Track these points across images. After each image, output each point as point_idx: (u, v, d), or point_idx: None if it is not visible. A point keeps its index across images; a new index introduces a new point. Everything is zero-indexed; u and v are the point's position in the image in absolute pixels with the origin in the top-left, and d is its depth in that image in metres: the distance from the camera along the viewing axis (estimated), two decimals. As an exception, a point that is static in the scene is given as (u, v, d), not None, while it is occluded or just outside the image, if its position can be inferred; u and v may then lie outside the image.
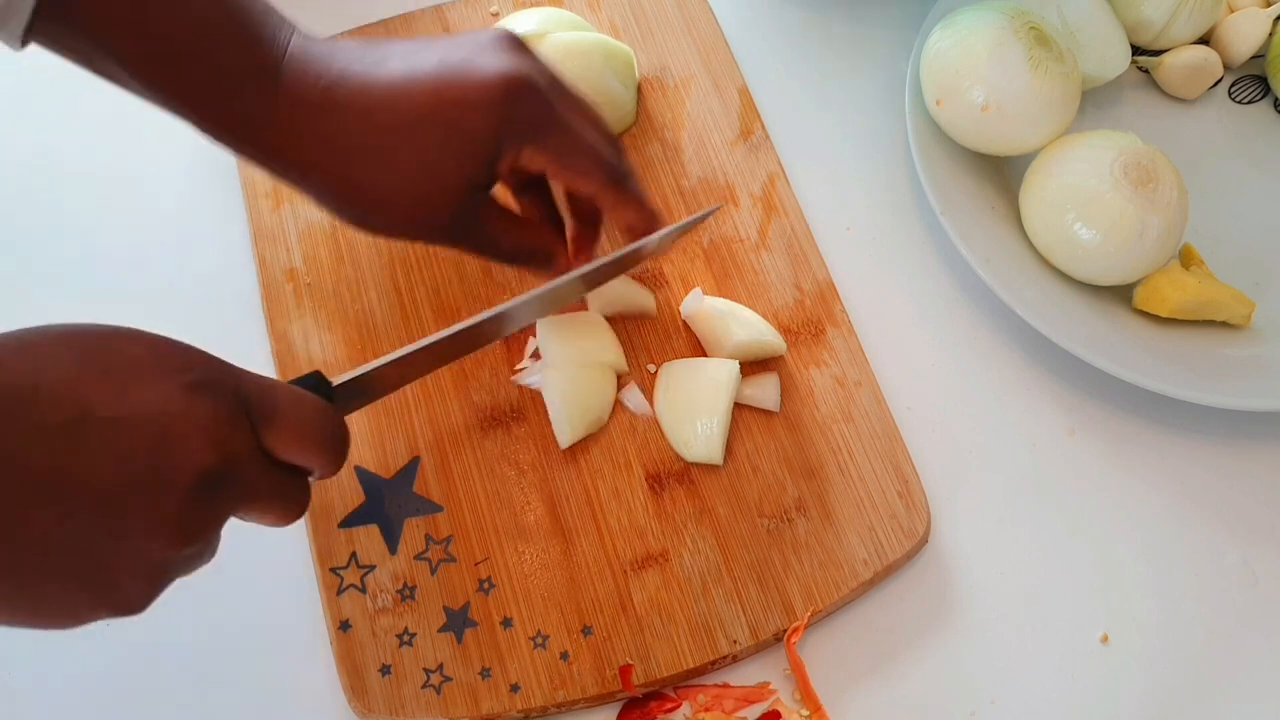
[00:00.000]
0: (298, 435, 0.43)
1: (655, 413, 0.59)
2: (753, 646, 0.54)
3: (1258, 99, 0.71)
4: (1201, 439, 0.61)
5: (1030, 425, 0.61)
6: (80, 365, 0.39)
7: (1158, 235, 0.59)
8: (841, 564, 0.56)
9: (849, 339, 0.61)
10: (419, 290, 0.62)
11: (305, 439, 0.44)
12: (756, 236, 0.64)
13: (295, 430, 0.43)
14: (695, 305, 0.60)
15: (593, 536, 0.56)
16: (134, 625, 0.55)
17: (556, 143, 0.52)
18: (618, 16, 0.70)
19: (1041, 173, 0.62)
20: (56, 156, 0.67)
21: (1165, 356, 0.60)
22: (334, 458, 0.45)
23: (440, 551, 0.56)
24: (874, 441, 0.59)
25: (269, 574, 0.57)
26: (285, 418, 0.43)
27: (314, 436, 0.44)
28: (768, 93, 0.69)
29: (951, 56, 0.63)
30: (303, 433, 0.43)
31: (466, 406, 0.59)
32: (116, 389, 0.39)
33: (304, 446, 0.44)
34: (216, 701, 0.54)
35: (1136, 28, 0.69)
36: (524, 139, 0.51)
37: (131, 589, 0.41)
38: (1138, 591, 0.58)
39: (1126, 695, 0.55)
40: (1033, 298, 0.61)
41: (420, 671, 0.53)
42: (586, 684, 0.53)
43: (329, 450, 0.45)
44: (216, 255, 0.64)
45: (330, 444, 0.45)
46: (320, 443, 0.44)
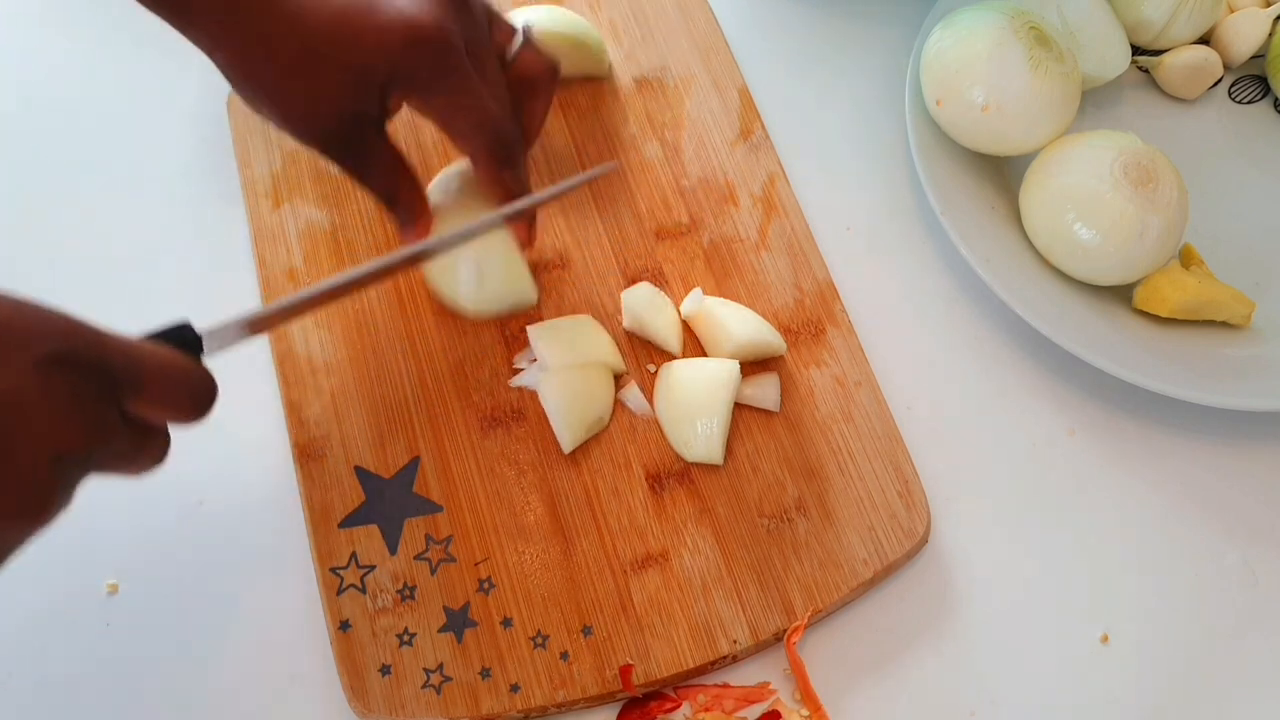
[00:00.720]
0: (163, 399, 0.42)
1: (655, 413, 0.59)
2: (753, 646, 0.54)
3: (1258, 99, 0.71)
4: (1201, 439, 0.61)
5: (1030, 425, 0.61)
6: None
7: (1158, 235, 0.59)
8: (841, 564, 0.56)
9: (849, 339, 0.61)
10: (419, 290, 0.62)
11: (171, 402, 0.43)
12: (756, 236, 0.64)
13: (161, 395, 0.42)
14: (695, 305, 0.60)
15: (593, 536, 0.56)
16: (134, 625, 0.55)
17: (445, 101, 0.53)
18: (618, 16, 0.70)
19: (1041, 173, 0.62)
20: (55, 155, 0.67)
21: (1165, 356, 0.60)
22: (199, 415, 0.44)
23: (440, 551, 0.56)
24: (874, 441, 0.59)
25: (269, 574, 0.57)
26: (151, 384, 0.42)
27: (180, 399, 0.43)
28: (768, 93, 0.69)
29: (951, 56, 0.63)
30: (168, 396, 0.42)
31: (466, 406, 0.59)
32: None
33: (169, 408, 0.43)
34: (216, 701, 0.54)
35: (1136, 28, 0.69)
36: (412, 89, 0.53)
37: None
38: (1138, 591, 0.58)
39: (1126, 695, 0.55)
40: (1033, 298, 0.61)
41: (420, 671, 0.53)
42: (586, 684, 0.53)
43: (195, 409, 0.44)
44: (216, 255, 0.64)
45: (196, 403, 0.44)
46: (186, 403, 0.43)
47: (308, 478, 0.57)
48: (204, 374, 0.44)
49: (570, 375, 0.58)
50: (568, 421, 0.57)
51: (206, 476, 0.58)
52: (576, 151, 0.66)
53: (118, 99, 0.69)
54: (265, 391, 0.59)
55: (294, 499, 0.57)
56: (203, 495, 0.58)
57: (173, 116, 0.68)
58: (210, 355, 0.46)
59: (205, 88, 0.68)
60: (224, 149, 0.66)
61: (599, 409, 0.58)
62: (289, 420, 0.58)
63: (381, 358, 0.60)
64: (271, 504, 0.58)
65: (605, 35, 0.69)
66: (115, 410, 0.41)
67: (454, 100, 0.53)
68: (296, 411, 0.58)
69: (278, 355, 0.60)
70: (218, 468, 0.58)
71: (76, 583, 0.56)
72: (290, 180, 0.64)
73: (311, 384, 0.59)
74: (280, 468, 0.58)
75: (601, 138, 0.66)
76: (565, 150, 0.66)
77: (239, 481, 0.59)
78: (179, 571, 0.56)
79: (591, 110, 0.67)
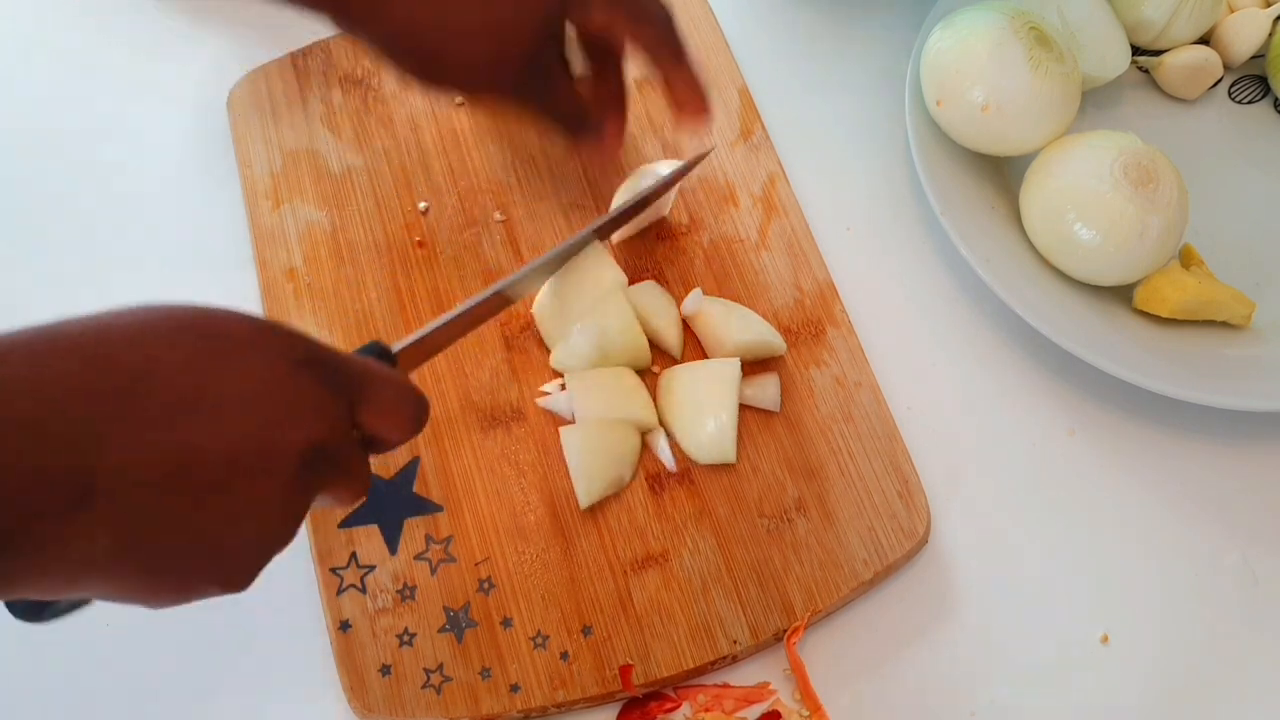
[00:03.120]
0: (391, 413, 0.45)
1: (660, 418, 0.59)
2: (753, 646, 0.54)
3: (1258, 99, 0.71)
4: (1201, 439, 0.61)
5: (1030, 425, 0.61)
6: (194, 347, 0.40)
7: (1158, 235, 0.59)
8: (841, 564, 0.56)
9: (849, 339, 0.61)
10: (419, 290, 0.62)
11: (396, 414, 0.45)
12: (756, 236, 0.64)
13: (389, 408, 0.45)
14: (695, 305, 0.60)
15: (593, 536, 0.56)
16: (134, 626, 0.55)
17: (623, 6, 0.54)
18: (618, 16, 0.70)
19: (1041, 173, 0.62)
20: (55, 156, 0.67)
21: (1165, 356, 0.60)
22: (417, 427, 0.46)
23: (440, 551, 0.56)
24: (874, 441, 0.59)
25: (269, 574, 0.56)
26: (381, 397, 0.44)
27: (405, 413, 0.45)
28: (768, 93, 0.69)
29: (951, 56, 0.63)
30: (396, 410, 0.45)
31: (466, 407, 0.59)
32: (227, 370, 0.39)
33: (395, 423, 0.45)
34: (216, 701, 0.54)
35: (1136, 28, 0.69)
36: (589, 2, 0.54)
37: (238, 565, 0.42)
38: (1138, 591, 0.58)
39: (1126, 695, 0.55)
40: (1033, 298, 0.61)
41: (420, 671, 0.53)
42: (586, 684, 0.53)
43: (416, 425, 0.46)
44: (217, 255, 0.64)
45: (416, 417, 0.46)
46: (410, 419, 0.46)
47: (308, 478, 0.57)
48: (418, 391, 0.46)
49: (599, 431, 0.57)
50: (588, 477, 0.56)
51: (206, 476, 0.58)
52: (576, 150, 0.66)
53: (118, 99, 0.69)
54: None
55: (294, 499, 0.57)
56: (203, 495, 0.58)
57: (173, 117, 0.68)
58: None
59: (205, 88, 0.68)
60: (224, 149, 0.66)
61: (621, 469, 0.57)
62: (289, 420, 0.58)
63: (381, 358, 0.60)
64: (271, 504, 0.58)
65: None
66: (349, 415, 0.43)
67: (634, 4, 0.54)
68: (296, 411, 0.58)
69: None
70: (218, 468, 0.58)
71: (76, 583, 0.56)
72: (290, 180, 0.64)
73: (311, 384, 0.59)
74: (280, 468, 0.58)
75: (601, 138, 0.66)
76: (565, 149, 0.66)
77: (239, 481, 0.58)
78: (179, 571, 0.56)
79: (591, 110, 0.67)
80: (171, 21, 0.71)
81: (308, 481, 0.41)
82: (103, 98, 0.69)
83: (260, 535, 0.42)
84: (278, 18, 0.70)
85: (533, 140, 0.66)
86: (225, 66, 0.68)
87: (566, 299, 0.59)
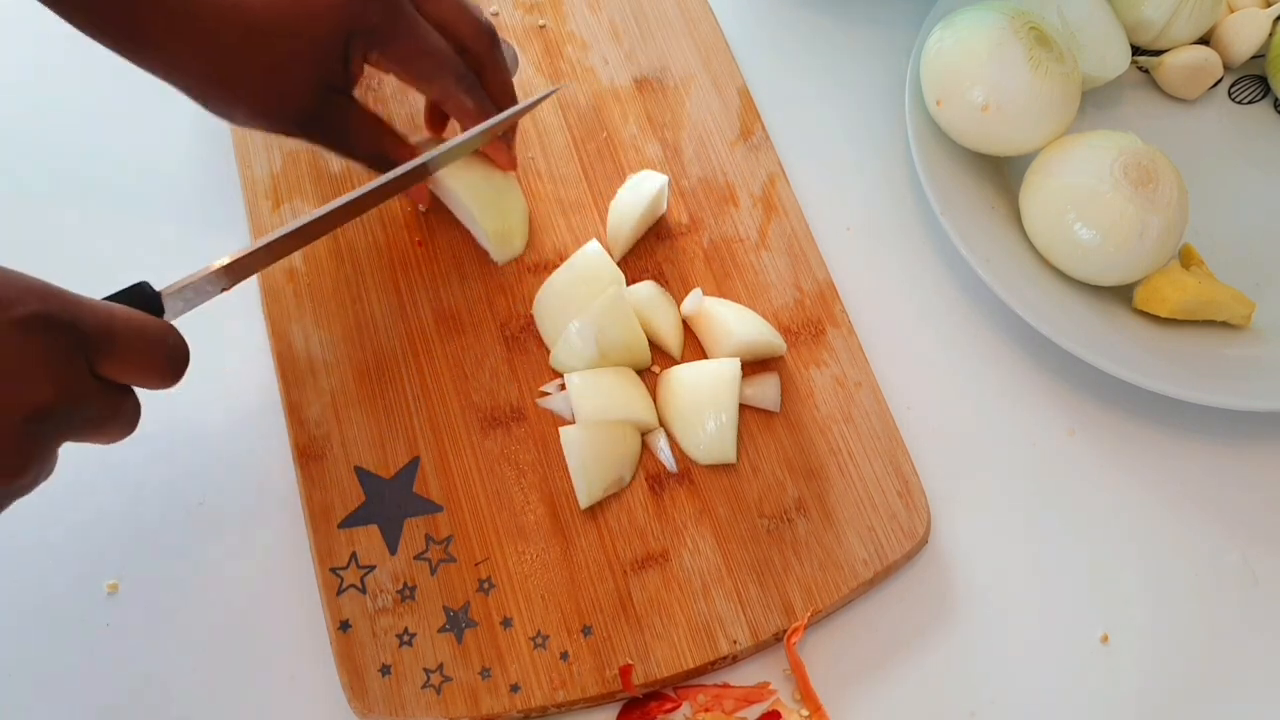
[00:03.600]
0: (136, 362, 0.44)
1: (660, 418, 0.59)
2: (753, 646, 0.54)
3: (1258, 99, 0.71)
4: (1201, 439, 0.61)
5: (1030, 425, 0.61)
6: None
7: (1158, 235, 0.59)
8: (841, 564, 0.56)
9: (849, 339, 0.61)
10: (419, 290, 0.62)
11: (144, 364, 0.44)
12: (756, 236, 0.64)
13: (134, 358, 0.43)
14: (695, 305, 0.60)
15: (593, 536, 0.56)
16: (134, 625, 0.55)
17: (404, 47, 0.55)
18: (618, 17, 0.70)
19: (1041, 173, 0.62)
20: (55, 156, 0.67)
21: (1165, 356, 0.60)
22: (172, 376, 0.45)
23: (440, 551, 0.56)
24: (874, 441, 0.59)
25: (269, 574, 0.57)
26: (124, 347, 0.43)
27: (153, 361, 0.44)
28: (768, 93, 0.69)
29: (951, 56, 0.63)
30: (142, 359, 0.44)
31: (466, 406, 0.59)
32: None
33: (142, 371, 0.44)
34: (216, 701, 0.54)
35: (1136, 28, 0.69)
36: (373, 43, 0.54)
37: None
38: (1138, 591, 0.58)
39: (1126, 695, 0.55)
40: (1033, 298, 0.61)
41: (420, 671, 0.53)
42: (586, 684, 0.53)
43: (167, 372, 0.45)
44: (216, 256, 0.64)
45: (169, 366, 0.45)
46: (159, 366, 0.45)
47: (308, 478, 0.57)
48: (175, 335, 0.45)
49: (599, 431, 0.57)
50: (588, 477, 0.56)
51: (206, 476, 0.58)
52: (576, 151, 0.66)
53: (118, 99, 0.69)
54: (265, 392, 0.59)
55: (294, 499, 0.57)
56: (203, 495, 0.58)
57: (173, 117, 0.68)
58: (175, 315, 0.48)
59: (205, 88, 0.68)
60: (224, 149, 0.66)
61: (621, 469, 0.57)
62: (289, 420, 0.58)
63: (381, 358, 0.60)
64: (271, 504, 0.58)
65: (605, 35, 0.69)
66: (86, 371, 0.42)
67: (413, 45, 0.55)
68: (296, 411, 0.58)
69: (278, 355, 0.60)
70: (218, 468, 0.59)
71: (76, 583, 0.56)
72: (290, 180, 0.64)
73: (311, 384, 0.59)
74: (280, 468, 0.58)
75: (601, 137, 0.66)
76: (565, 150, 0.66)
77: (239, 481, 0.59)
78: (179, 571, 0.56)
79: (591, 110, 0.67)
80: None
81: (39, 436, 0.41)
82: (102, 98, 0.69)
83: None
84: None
85: (532, 139, 0.66)
86: (225, 66, 0.68)
87: (566, 298, 0.59)
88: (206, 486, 0.58)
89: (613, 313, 0.58)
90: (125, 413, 0.45)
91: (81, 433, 0.43)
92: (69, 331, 0.41)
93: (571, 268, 0.60)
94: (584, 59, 0.69)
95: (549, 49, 0.69)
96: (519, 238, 0.63)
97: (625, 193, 0.63)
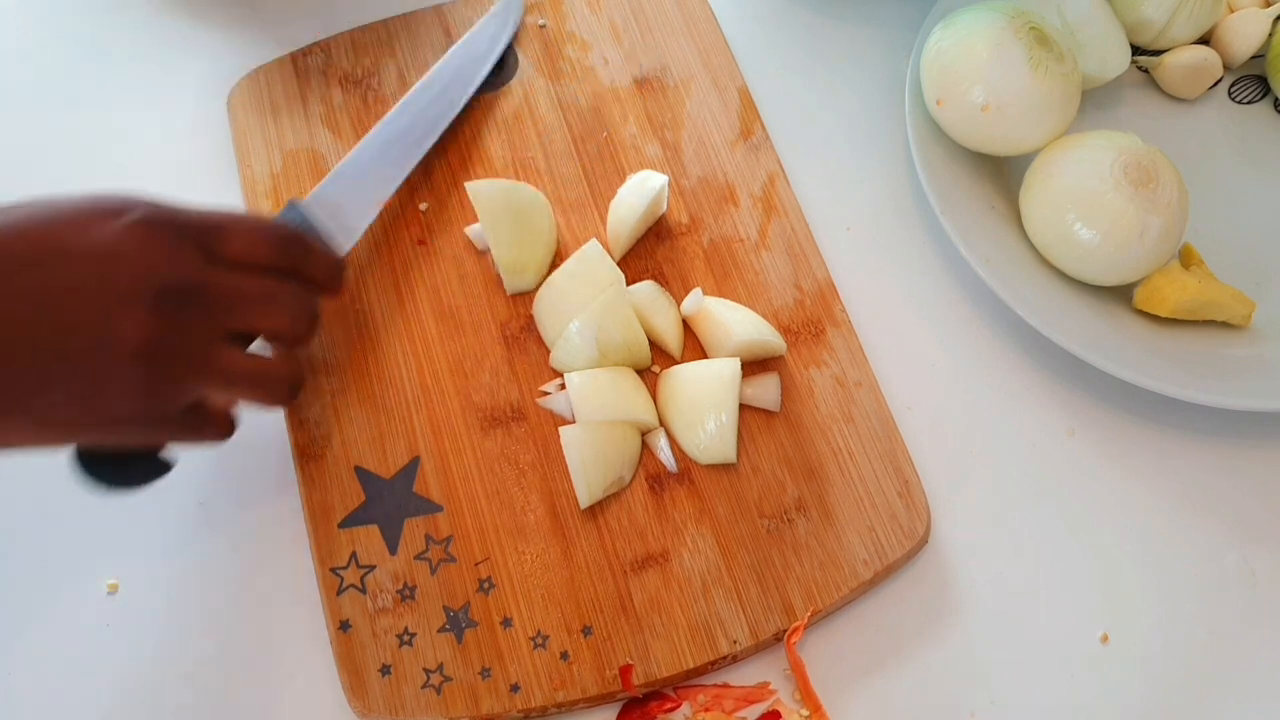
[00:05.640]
0: (248, 240, 0.49)
1: (660, 418, 0.59)
2: (753, 646, 0.54)
3: (1258, 99, 0.71)
4: (1201, 439, 0.61)
5: (1030, 425, 0.61)
6: (26, 217, 0.44)
7: (1158, 235, 0.59)
8: (841, 564, 0.56)
9: (849, 339, 0.61)
10: (419, 290, 0.62)
11: (255, 241, 0.50)
12: (756, 236, 0.64)
13: (246, 237, 0.49)
14: (695, 305, 0.60)
15: (593, 536, 0.56)
16: (134, 625, 0.55)
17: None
18: (618, 17, 0.70)
19: (1041, 173, 0.62)
20: (55, 156, 0.67)
21: (1165, 356, 0.60)
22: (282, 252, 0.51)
23: (440, 551, 0.56)
24: (874, 441, 0.59)
25: (269, 574, 0.57)
26: (234, 231, 0.49)
27: (263, 239, 0.50)
28: (768, 93, 0.69)
29: (951, 56, 0.63)
30: (252, 238, 0.50)
31: (466, 406, 0.59)
32: (62, 233, 0.44)
33: (253, 246, 0.50)
34: (216, 701, 0.54)
35: (1136, 28, 0.69)
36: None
37: (120, 403, 0.46)
38: (1138, 591, 0.58)
39: (1126, 695, 0.55)
40: (1033, 298, 0.61)
41: (420, 671, 0.53)
42: (586, 684, 0.53)
43: (276, 245, 0.51)
44: (216, 255, 0.64)
45: (278, 240, 0.51)
46: (268, 242, 0.50)
47: (308, 478, 0.57)
48: (282, 225, 0.52)
49: (599, 431, 0.57)
50: (588, 477, 0.56)
51: (206, 476, 0.58)
52: (576, 151, 0.66)
53: (118, 99, 0.69)
54: (265, 391, 0.59)
55: (294, 499, 0.57)
56: (203, 495, 0.58)
57: (173, 117, 0.68)
58: None
59: (205, 88, 0.68)
60: (224, 149, 0.66)
61: (621, 469, 0.57)
62: (289, 420, 0.58)
63: (381, 358, 0.60)
64: (271, 504, 0.58)
65: (605, 35, 0.69)
66: (198, 255, 0.47)
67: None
68: (296, 411, 0.58)
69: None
70: (218, 468, 0.59)
71: (76, 583, 0.56)
72: (290, 180, 0.64)
73: (311, 384, 0.59)
74: (280, 468, 0.58)
75: (601, 137, 0.66)
76: (565, 150, 0.66)
77: (239, 481, 0.59)
78: (179, 571, 0.56)
79: (591, 110, 0.67)
80: (171, 21, 0.71)
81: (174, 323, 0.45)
82: (103, 98, 0.69)
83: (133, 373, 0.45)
84: (278, 18, 0.71)
85: (532, 139, 0.66)
86: (225, 66, 0.68)
87: (566, 298, 0.59)
88: (206, 486, 0.58)
89: (613, 313, 0.58)
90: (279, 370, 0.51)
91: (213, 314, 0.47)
92: (181, 227, 0.47)
93: (571, 268, 0.60)
94: (584, 59, 0.69)
95: (549, 49, 0.69)
96: (533, 273, 0.61)
97: (625, 193, 0.63)
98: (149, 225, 0.46)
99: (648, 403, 0.58)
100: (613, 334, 0.58)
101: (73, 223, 0.45)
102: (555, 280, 0.60)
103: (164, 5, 0.71)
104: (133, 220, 0.45)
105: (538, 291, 0.61)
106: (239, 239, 0.49)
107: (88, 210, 0.45)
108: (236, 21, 0.71)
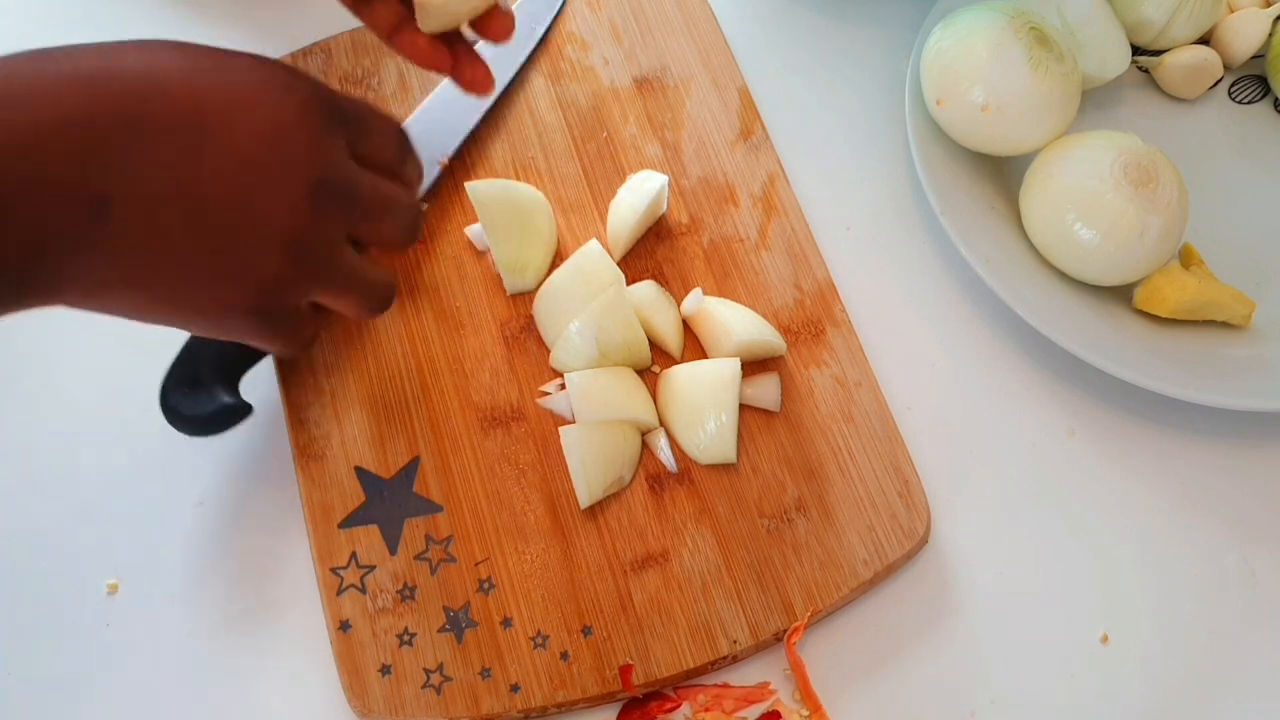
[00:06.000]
0: (381, 141, 0.50)
1: (660, 418, 0.59)
2: (753, 646, 0.54)
3: (1258, 99, 0.71)
4: (1201, 439, 0.61)
5: (1030, 425, 0.61)
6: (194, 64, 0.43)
7: (1158, 235, 0.59)
8: (841, 564, 0.56)
9: (849, 339, 0.61)
10: (419, 290, 0.62)
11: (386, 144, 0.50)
12: (756, 236, 0.64)
13: (380, 137, 0.50)
14: (695, 305, 0.60)
15: (593, 536, 0.56)
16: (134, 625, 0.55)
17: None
18: (618, 16, 0.70)
19: (1041, 173, 0.62)
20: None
21: (1165, 356, 0.60)
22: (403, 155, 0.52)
23: (440, 551, 0.56)
24: (874, 441, 0.59)
25: (269, 574, 0.57)
26: (370, 124, 0.49)
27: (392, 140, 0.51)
28: (768, 93, 0.69)
29: (951, 56, 0.63)
30: (384, 138, 0.50)
31: (466, 406, 0.59)
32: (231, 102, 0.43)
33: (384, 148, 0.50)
34: (216, 701, 0.54)
35: (1136, 28, 0.69)
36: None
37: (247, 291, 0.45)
38: (1138, 591, 0.58)
39: (1126, 695, 0.55)
40: (1033, 298, 0.61)
41: (420, 671, 0.53)
42: (586, 684, 0.53)
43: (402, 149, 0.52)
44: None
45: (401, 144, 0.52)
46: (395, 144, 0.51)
47: (308, 478, 0.57)
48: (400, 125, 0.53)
49: (599, 431, 0.57)
50: (588, 477, 0.56)
51: (206, 476, 0.58)
52: (576, 151, 0.66)
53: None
54: (265, 391, 0.59)
55: (294, 499, 0.57)
56: (203, 495, 0.58)
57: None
58: None
59: (205, 88, 0.68)
60: (224, 149, 0.66)
61: (621, 469, 0.57)
62: (289, 420, 0.58)
63: (381, 358, 0.60)
64: (271, 504, 0.58)
65: (605, 35, 0.69)
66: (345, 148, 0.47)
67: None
68: (296, 411, 0.58)
69: (277, 355, 0.60)
70: (218, 468, 0.59)
71: (76, 583, 0.56)
72: (290, 180, 0.64)
73: (311, 384, 0.59)
74: (280, 468, 0.58)
75: (601, 137, 0.66)
76: (565, 150, 0.66)
77: (239, 481, 0.59)
78: (179, 571, 0.56)
79: (591, 110, 0.67)
80: (171, 22, 0.71)
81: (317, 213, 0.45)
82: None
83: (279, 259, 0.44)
84: (277, 18, 0.71)
85: (532, 139, 0.66)
86: (225, 66, 0.68)
87: (566, 298, 0.59)
88: (206, 486, 0.58)
89: (613, 313, 0.58)
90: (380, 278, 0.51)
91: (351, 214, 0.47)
92: (338, 114, 0.47)
93: (571, 268, 0.60)
94: (584, 59, 0.69)
95: (549, 49, 0.69)
96: (533, 273, 0.61)
97: (625, 193, 0.63)
98: (313, 108, 0.45)
99: (648, 403, 0.58)
100: (613, 334, 0.58)
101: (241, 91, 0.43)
102: (555, 280, 0.60)
103: (164, 5, 0.71)
104: (300, 100, 0.45)
105: (538, 291, 0.61)
106: (376, 136, 0.49)
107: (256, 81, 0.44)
108: (236, 22, 0.71)
